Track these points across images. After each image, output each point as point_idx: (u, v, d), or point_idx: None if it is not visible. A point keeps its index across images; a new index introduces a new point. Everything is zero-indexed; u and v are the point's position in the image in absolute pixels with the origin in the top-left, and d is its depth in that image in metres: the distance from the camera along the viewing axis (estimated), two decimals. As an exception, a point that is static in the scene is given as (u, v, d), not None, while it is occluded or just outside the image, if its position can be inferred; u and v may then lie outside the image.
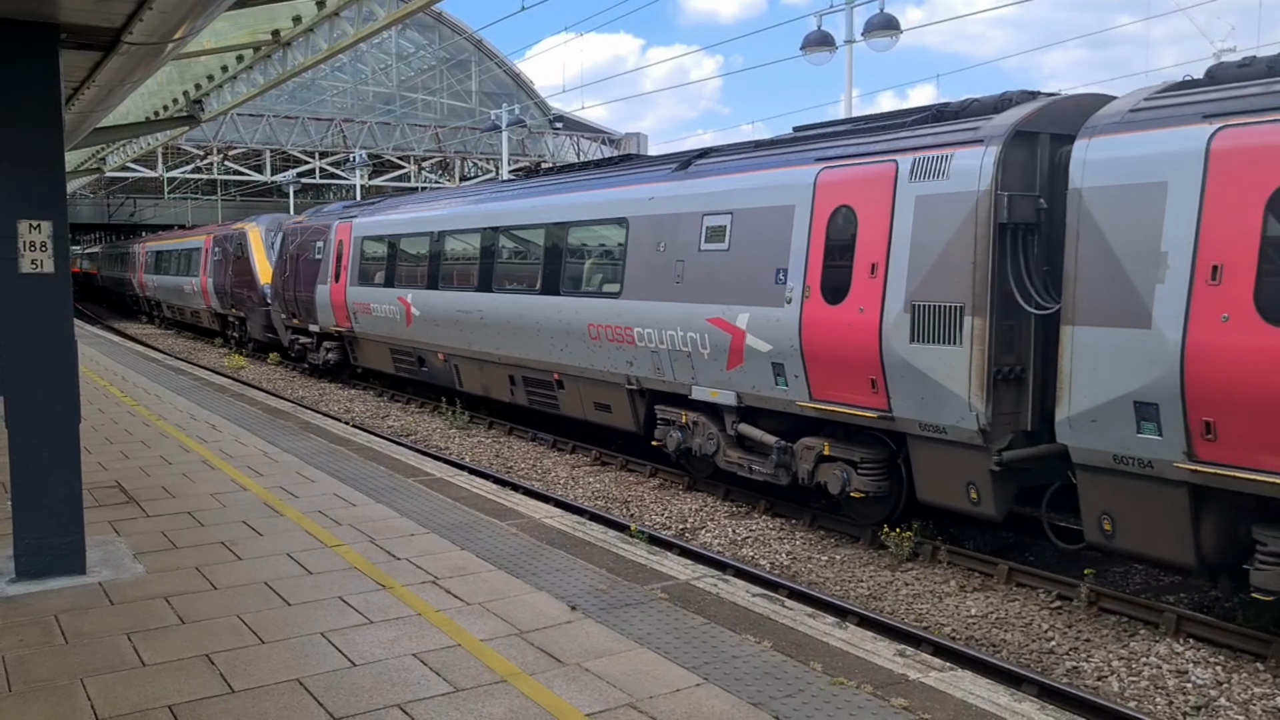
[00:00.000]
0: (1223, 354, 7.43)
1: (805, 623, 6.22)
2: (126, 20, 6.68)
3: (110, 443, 11.93)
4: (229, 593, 6.67)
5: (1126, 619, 8.96)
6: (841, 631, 6.07)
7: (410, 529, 8.25)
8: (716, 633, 5.98)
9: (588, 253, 15.09)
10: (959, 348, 9.36)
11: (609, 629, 6.01)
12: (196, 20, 7.02)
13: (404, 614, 6.27)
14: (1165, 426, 7.89)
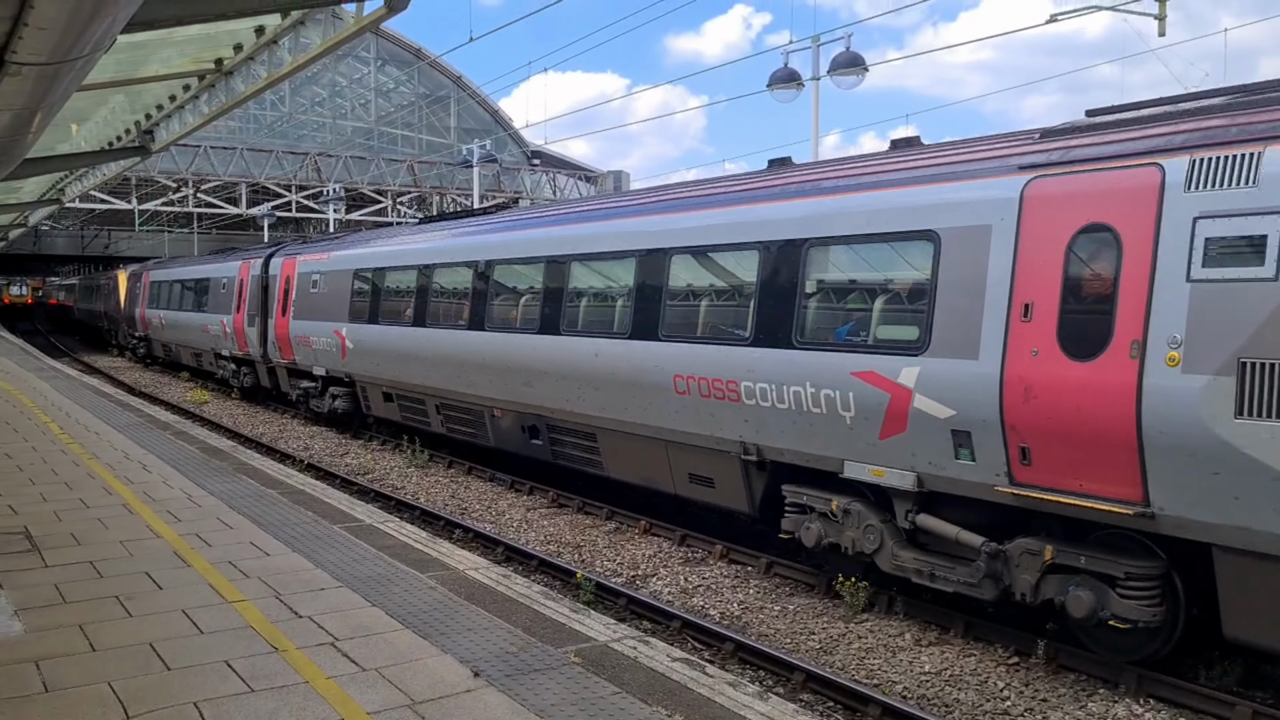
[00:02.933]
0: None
1: (724, 693, 5.73)
2: (6, 39, 6.26)
3: (32, 483, 11.39)
4: (107, 655, 6.15)
5: (1086, 677, 8.53)
6: (762, 704, 5.59)
7: (322, 582, 7.74)
8: (627, 704, 5.50)
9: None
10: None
11: (511, 699, 5.52)
12: (89, 38, 6.62)
13: (290, 681, 5.77)
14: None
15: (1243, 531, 7.06)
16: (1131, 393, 7.50)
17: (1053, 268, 8.10)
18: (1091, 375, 7.76)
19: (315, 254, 22.91)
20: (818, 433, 10.02)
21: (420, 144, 57.24)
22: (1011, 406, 8.27)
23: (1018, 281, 8.32)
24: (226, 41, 12.46)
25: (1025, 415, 8.20)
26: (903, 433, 9.17)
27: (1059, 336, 7.99)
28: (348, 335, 20.21)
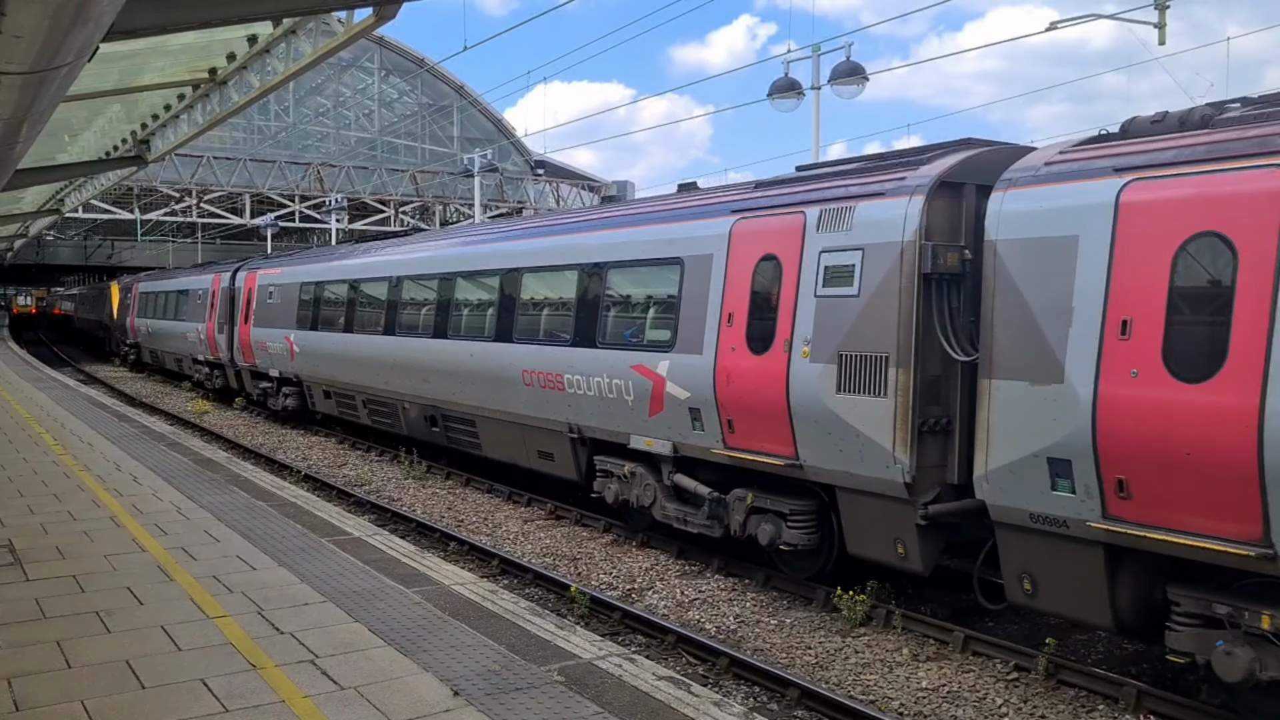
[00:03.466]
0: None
1: (709, 712, 5.60)
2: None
3: (21, 495, 11.30)
4: (82, 673, 6.03)
5: (1085, 693, 8.37)
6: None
7: (306, 597, 7.62)
8: (608, 725, 5.38)
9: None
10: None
11: (489, 719, 5.39)
12: (70, 46, 6.53)
13: (266, 701, 5.64)
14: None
15: (847, 474, 9.72)
16: (779, 375, 10.18)
17: (745, 286, 10.78)
18: (763, 365, 10.39)
19: (272, 269, 25.80)
20: (613, 414, 12.67)
21: (424, 154, 57.25)
22: (721, 389, 10.94)
23: (725, 297, 10.99)
24: (220, 51, 12.41)
25: (728, 395, 10.87)
26: (662, 411, 11.84)
27: (747, 337, 10.69)
28: (295, 341, 22.91)
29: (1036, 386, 8.01)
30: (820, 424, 9.79)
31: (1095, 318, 7.66)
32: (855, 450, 9.53)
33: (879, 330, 9.31)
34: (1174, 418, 7.10)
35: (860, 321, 9.47)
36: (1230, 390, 6.85)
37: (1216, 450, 6.87)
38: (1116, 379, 7.46)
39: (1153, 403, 7.23)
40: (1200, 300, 7.25)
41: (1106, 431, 7.48)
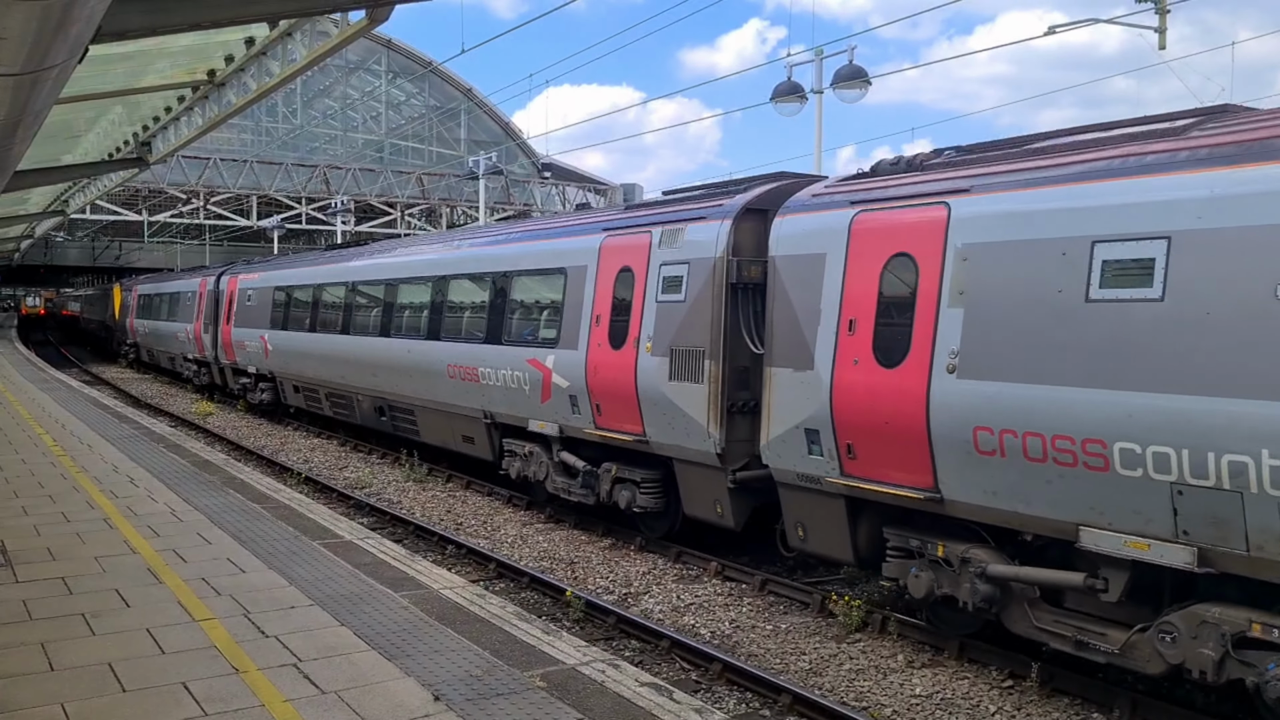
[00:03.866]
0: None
1: (689, 719, 5.55)
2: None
3: (16, 496, 11.31)
4: (64, 676, 6.02)
5: (1080, 701, 8.31)
6: (728, 731, 5.41)
7: (293, 600, 7.60)
8: (587, 731, 5.33)
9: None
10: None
11: (468, 725, 5.36)
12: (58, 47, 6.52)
13: (246, 705, 5.62)
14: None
15: (679, 448, 11.67)
16: (631, 367, 12.17)
17: (609, 292, 12.74)
18: (619, 358, 12.38)
19: (251, 273, 27.85)
20: (515, 401, 14.58)
21: (431, 156, 57.35)
22: (590, 379, 12.84)
23: (595, 301, 12.95)
24: (219, 53, 12.43)
25: (595, 384, 12.80)
26: (550, 399, 13.72)
27: (609, 335, 12.57)
28: (269, 340, 25.02)
29: (798, 373, 9.92)
30: (659, 406, 11.83)
31: (834, 318, 9.59)
32: (684, 428, 11.52)
33: (698, 329, 11.29)
34: (879, 396, 9.04)
35: (685, 322, 11.50)
36: (911, 374, 8.77)
37: (902, 420, 8.82)
38: (845, 366, 9.42)
39: (867, 384, 9.17)
40: (895, 304, 9.12)
41: (839, 407, 9.46)
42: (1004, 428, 8.04)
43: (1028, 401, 7.88)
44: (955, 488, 8.52)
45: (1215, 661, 7.04)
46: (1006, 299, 8.17)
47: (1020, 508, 8.07)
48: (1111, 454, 7.32)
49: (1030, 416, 7.85)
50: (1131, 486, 7.25)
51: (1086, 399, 7.49)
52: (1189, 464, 6.91)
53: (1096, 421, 7.41)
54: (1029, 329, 7.96)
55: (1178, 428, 6.94)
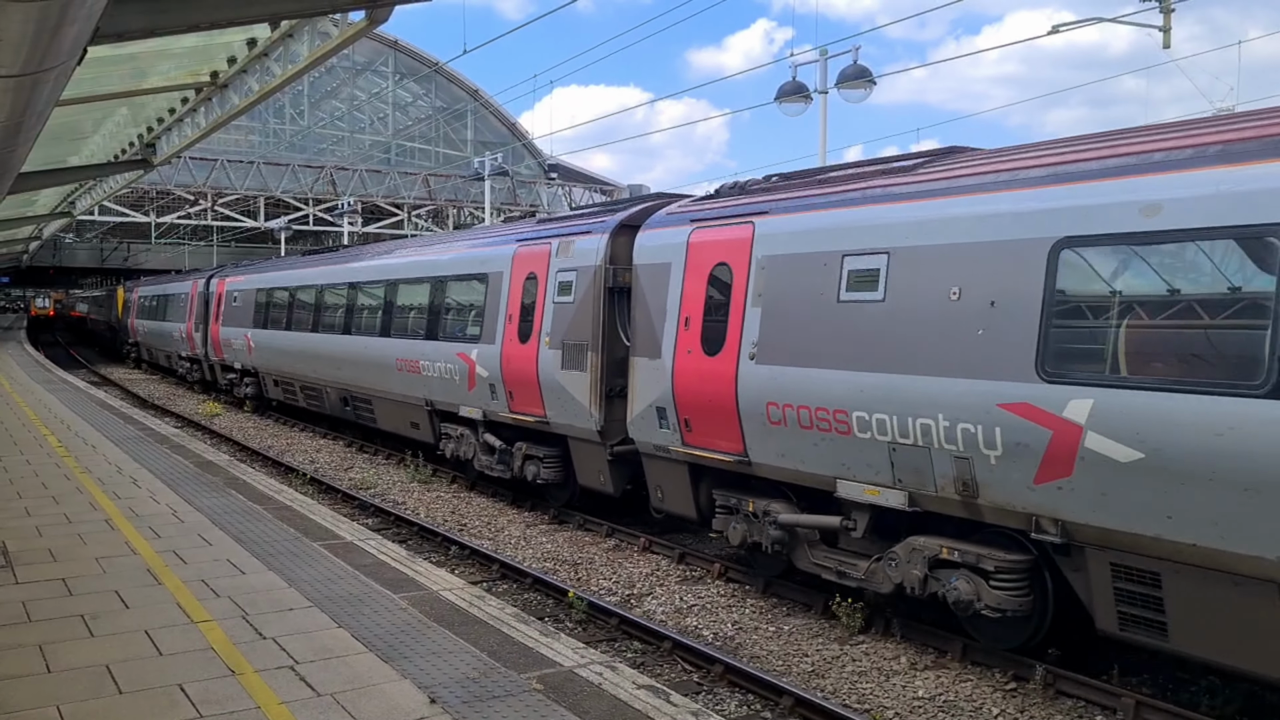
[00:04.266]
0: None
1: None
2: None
3: (20, 497, 11.32)
4: (61, 678, 6.01)
5: (1084, 703, 8.26)
6: (724, 734, 5.38)
7: (292, 602, 7.58)
8: (583, 734, 5.31)
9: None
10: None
11: (464, 728, 5.33)
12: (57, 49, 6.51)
13: (242, 707, 5.60)
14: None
15: (571, 427, 13.51)
16: (534, 358, 14.07)
17: (519, 294, 14.67)
18: (525, 351, 14.22)
19: (237, 276, 29.83)
20: (449, 390, 16.52)
21: (437, 157, 57.37)
22: (505, 370, 14.76)
23: (509, 302, 14.86)
24: (221, 54, 12.43)
25: (508, 374, 14.70)
26: (475, 387, 15.65)
27: (518, 331, 14.48)
28: (252, 338, 26.99)
29: (651, 361, 11.81)
30: (555, 392, 13.69)
31: (675, 316, 11.49)
32: (573, 410, 13.37)
33: (583, 326, 13.19)
34: (705, 379, 10.95)
35: (574, 320, 13.39)
36: (725, 361, 10.70)
37: (720, 399, 10.73)
38: (683, 355, 11.34)
39: (697, 370, 11.09)
40: (716, 304, 11.06)
41: (678, 389, 11.37)
42: (785, 402, 10.02)
43: (801, 381, 9.86)
44: (757, 452, 10.50)
45: (920, 579, 9.03)
46: (788, 300, 10.14)
47: (799, 466, 10.04)
48: (852, 421, 9.31)
49: (802, 393, 9.84)
50: (865, 446, 9.20)
51: (836, 378, 9.47)
52: (898, 427, 8.88)
53: (842, 396, 9.38)
54: (802, 324, 9.93)
55: (891, 399, 8.89)
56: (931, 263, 8.69)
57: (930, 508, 8.87)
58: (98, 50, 9.22)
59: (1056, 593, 8.51)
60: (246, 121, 52.67)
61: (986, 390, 8.14)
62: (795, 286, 10.04)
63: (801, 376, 9.82)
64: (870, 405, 9.05)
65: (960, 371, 8.34)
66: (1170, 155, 7.46)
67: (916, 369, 8.66)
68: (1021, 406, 7.90)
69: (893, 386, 8.86)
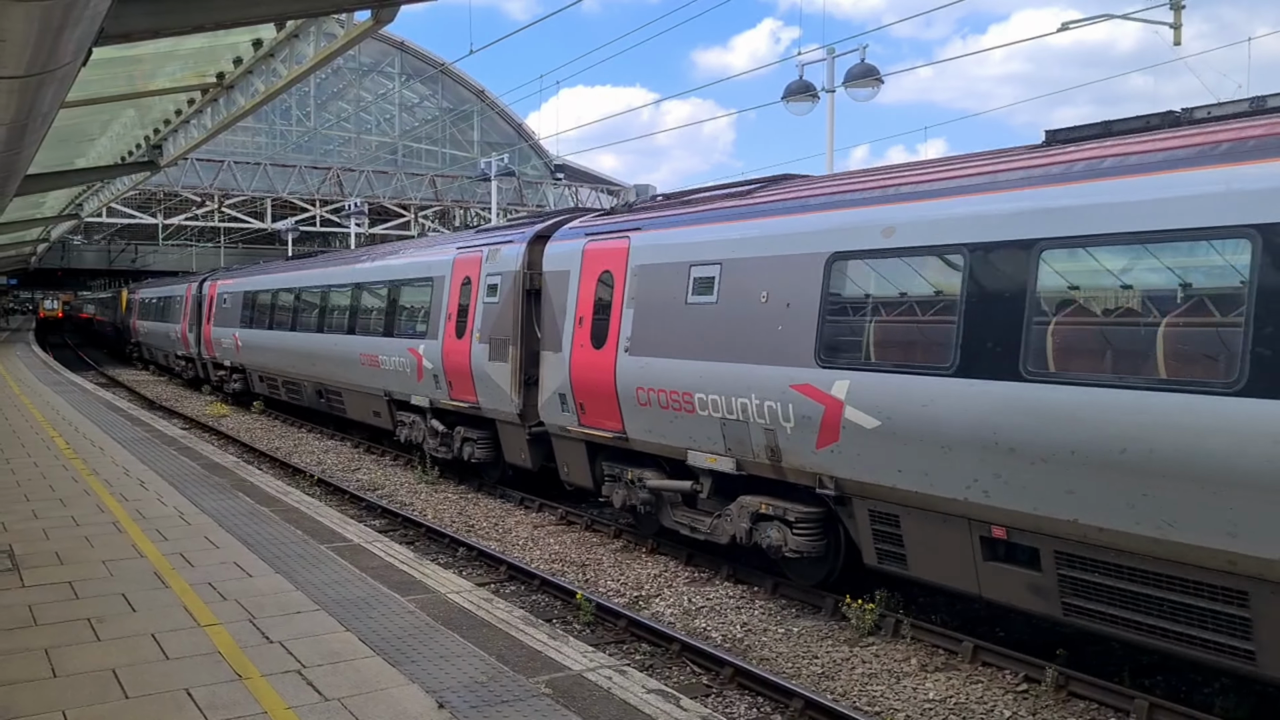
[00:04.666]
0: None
1: (697, 728, 5.47)
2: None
3: (27, 499, 11.30)
4: (66, 683, 5.97)
5: (1096, 705, 8.18)
6: (735, 739, 5.32)
7: (300, 605, 7.54)
8: (592, 739, 5.25)
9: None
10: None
11: (472, 733, 5.29)
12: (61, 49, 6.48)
13: (248, 712, 5.56)
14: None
15: (497, 410, 15.39)
16: (468, 352, 15.94)
17: (456, 296, 16.57)
18: (461, 346, 16.16)
19: (228, 279, 32.01)
20: (402, 382, 18.44)
21: (444, 158, 57.36)
22: (445, 362, 16.64)
23: (449, 303, 16.74)
24: (227, 55, 12.42)
25: (448, 366, 16.54)
26: (423, 379, 17.60)
27: (456, 329, 16.27)
28: (240, 337, 28.99)
29: (555, 354, 13.61)
30: (485, 381, 15.54)
31: (573, 315, 13.30)
32: (499, 396, 15.24)
33: (506, 323, 15.01)
34: (593, 369, 12.75)
35: (499, 318, 15.24)
36: (608, 354, 12.54)
37: (604, 385, 12.59)
38: (577, 349, 13.12)
39: (588, 361, 12.88)
40: (601, 306, 12.87)
41: (574, 378, 13.14)
42: (650, 387, 11.94)
43: (661, 370, 11.76)
44: (633, 429, 12.35)
45: (746, 530, 10.86)
46: (652, 302, 12.04)
47: (662, 440, 11.96)
48: (695, 402, 11.23)
49: (662, 379, 11.75)
50: (705, 422, 11.16)
51: (685, 366, 11.36)
52: (726, 406, 10.80)
53: (689, 381, 11.30)
54: (661, 322, 11.87)
55: (722, 383, 10.79)
56: (749, 272, 10.72)
57: (752, 471, 10.77)
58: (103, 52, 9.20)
59: (845, 537, 10.34)
60: (253, 123, 52.75)
61: (783, 374, 10.10)
62: (657, 291, 12.01)
63: (661, 366, 11.78)
64: (707, 388, 11.05)
65: (767, 360, 10.29)
66: (902, 190, 9.47)
67: (738, 358, 10.64)
68: (805, 387, 9.86)
69: (722, 373, 10.85)
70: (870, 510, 9.55)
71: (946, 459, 8.51)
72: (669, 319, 11.69)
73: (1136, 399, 7.22)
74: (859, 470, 9.40)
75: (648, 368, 11.90)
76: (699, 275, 11.36)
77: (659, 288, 11.92)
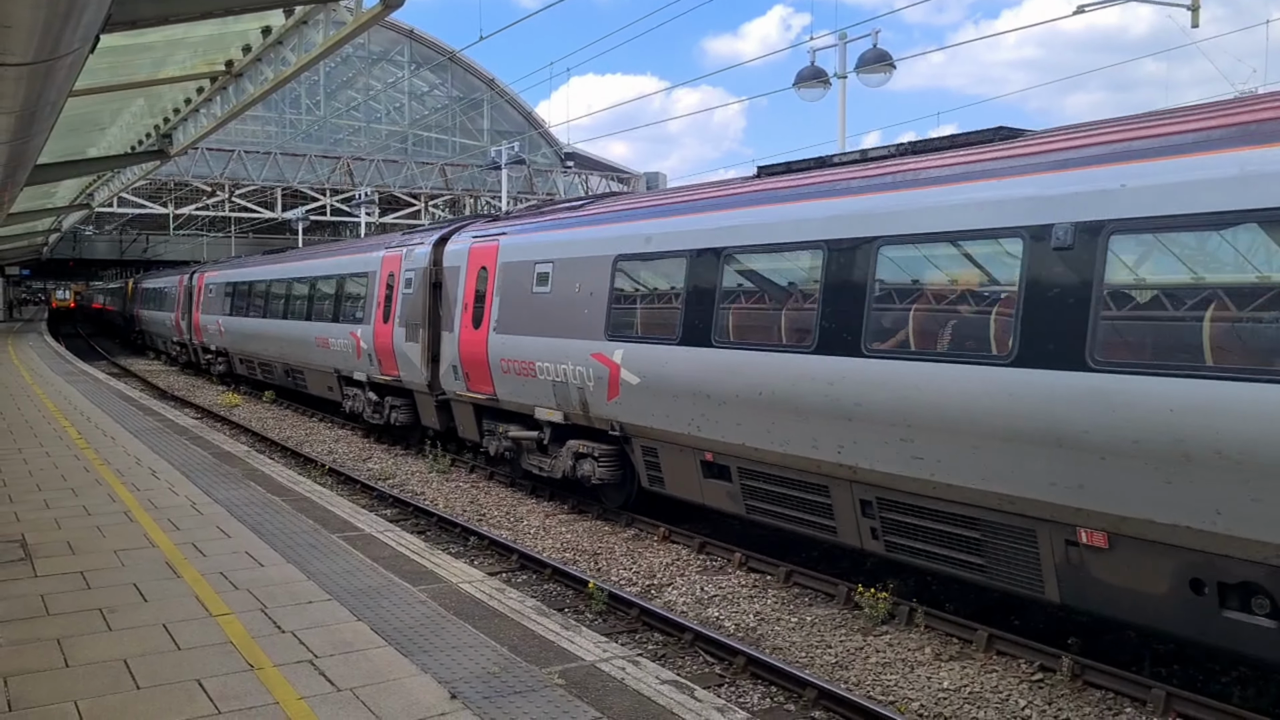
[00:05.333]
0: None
1: (711, 718, 5.41)
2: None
3: (39, 490, 11.31)
4: (79, 672, 5.95)
5: (1112, 694, 8.12)
6: (750, 731, 5.28)
7: (311, 595, 7.51)
8: (606, 730, 5.21)
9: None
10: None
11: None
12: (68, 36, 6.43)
13: (260, 703, 5.53)
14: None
15: (413, 382, 18.34)
16: (391, 334, 19.13)
17: (384, 288, 19.65)
18: (386, 329, 19.38)
19: (214, 271, 35.98)
20: (347, 360, 21.72)
21: (454, 146, 57.26)
22: (376, 343, 19.87)
23: (378, 294, 19.90)
24: (236, 43, 12.35)
25: (378, 346, 19.99)
26: (361, 357, 20.74)
27: (383, 315, 19.45)
28: (223, 324, 32.53)
29: (450, 334, 16.86)
30: (404, 358, 18.69)
31: (461, 302, 16.50)
32: (413, 370, 18.35)
33: (417, 310, 18.18)
34: (474, 345, 15.93)
35: (412, 306, 18.39)
36: (484, 332, 15.70)
37: (481, 358, 15.76)
38: (464, 329, 16.32)
39: (471, 339, 16.04)
40: (480, 295, 15.96)
41: (461, 353, 16.35)
42: (509, 358, 15.07)
43: (516, 344, 14.93)
44: (501, 392, 15.52)
45: (570, 466, 13.91)
46: (511, 292, 15.24)
47: (519, 399, 15.08)
48: (536, 368, 14.33)
49: (517, 351, 14.84)
50: (543, 384, 14.24)
51: (530, 341, 14.53)
52: (555, 371, 13.89)
53: (532, 352, 14.43)
54: (517, 307, 15.04)
55: (553, 353, 13.89)
56: (570, 269, 13.91)
57: (574, 420, 13.90)
58: (111, 39, 9.15)
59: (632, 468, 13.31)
60: (263, 112, 52.71)
61: (587, 346, 13.22)
62: (515, 283, 15.17)
63: (516, 341, 15.00)
64: (544, 358, 14.17)
65: (579, 335, 13.40)
66: (657, 208, 12.96)
67: (561, 334, 13.78)
68: (599, 355, 13.00)
69: (552, 346, 13.97)
70: (641, 445, 12.83)
71: (677, 404, 11.79)
72: (521, 304, 14.96)
73: (765, 356, 10.65)
74: (632, 416, 12.67)
75: (508, 343, 15.17)
76: (540, 270, 14.57)
77: (516, 280, 15.15)
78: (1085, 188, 7.92)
